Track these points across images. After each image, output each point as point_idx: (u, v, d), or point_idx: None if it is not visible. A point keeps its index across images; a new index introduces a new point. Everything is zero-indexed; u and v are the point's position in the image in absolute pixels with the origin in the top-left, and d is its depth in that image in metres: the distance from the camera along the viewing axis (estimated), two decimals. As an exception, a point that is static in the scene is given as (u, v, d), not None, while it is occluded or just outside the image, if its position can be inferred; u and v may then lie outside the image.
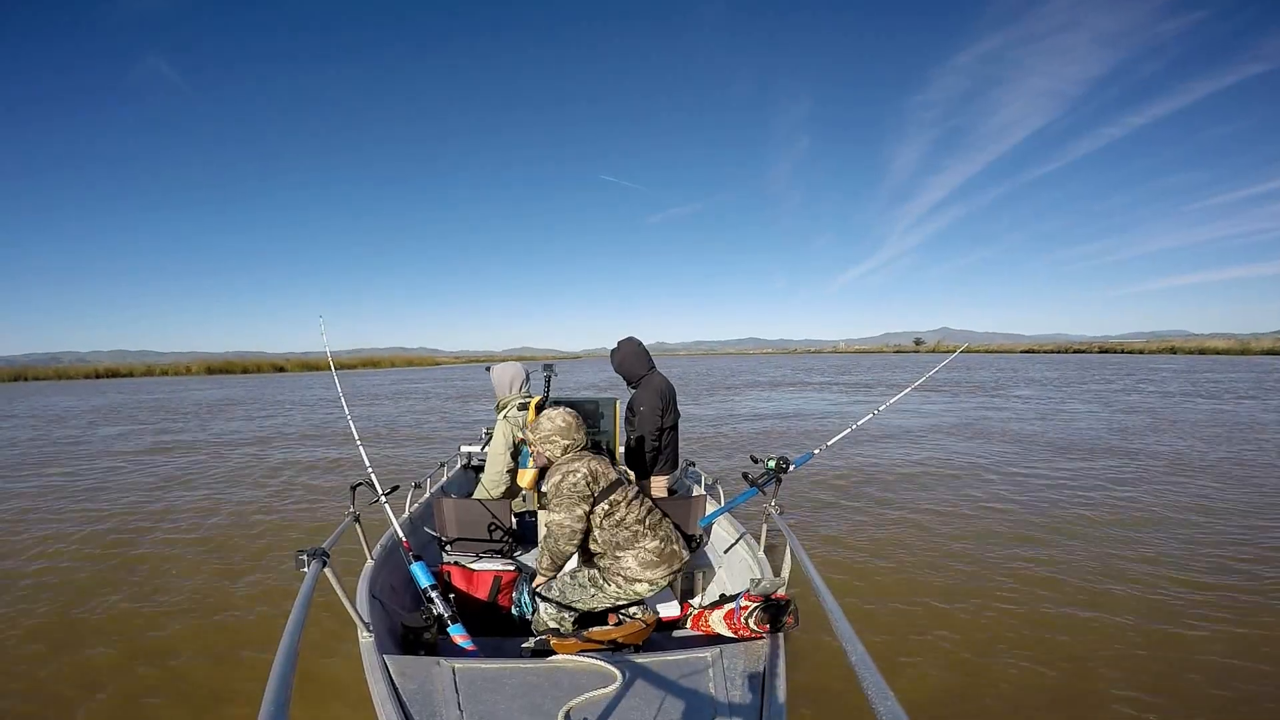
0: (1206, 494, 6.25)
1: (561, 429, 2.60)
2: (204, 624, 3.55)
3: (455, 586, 2.76)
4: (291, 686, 1.18)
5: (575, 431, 2.62)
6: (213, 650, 3.26)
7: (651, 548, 2.44)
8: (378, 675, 1.82)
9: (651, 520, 2.51)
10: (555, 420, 2.62)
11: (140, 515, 5.98)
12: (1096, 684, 2.86)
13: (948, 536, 5.01)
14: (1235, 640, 3.25)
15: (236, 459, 9.21)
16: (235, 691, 2.87)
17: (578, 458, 2.54)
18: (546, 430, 2.61)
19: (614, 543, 2.45)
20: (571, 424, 2.62)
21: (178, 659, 3.17)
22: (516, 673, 1.87)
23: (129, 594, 3.99)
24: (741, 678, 1.89)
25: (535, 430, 2.64)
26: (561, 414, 2.64)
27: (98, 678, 3.01)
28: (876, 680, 1.16)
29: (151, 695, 2.84)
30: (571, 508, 2.42)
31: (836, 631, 1.42)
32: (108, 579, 4.27)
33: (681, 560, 2.52)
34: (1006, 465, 7.86)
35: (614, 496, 2.48)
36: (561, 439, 2.59)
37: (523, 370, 3.63)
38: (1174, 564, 4.26)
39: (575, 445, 2.61)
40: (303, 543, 4.55)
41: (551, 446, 2.59)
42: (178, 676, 3.01)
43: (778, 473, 2.99)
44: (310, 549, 1.88)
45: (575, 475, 2.45)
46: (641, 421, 3.62)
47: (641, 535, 2.45)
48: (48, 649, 3.28)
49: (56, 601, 3.89)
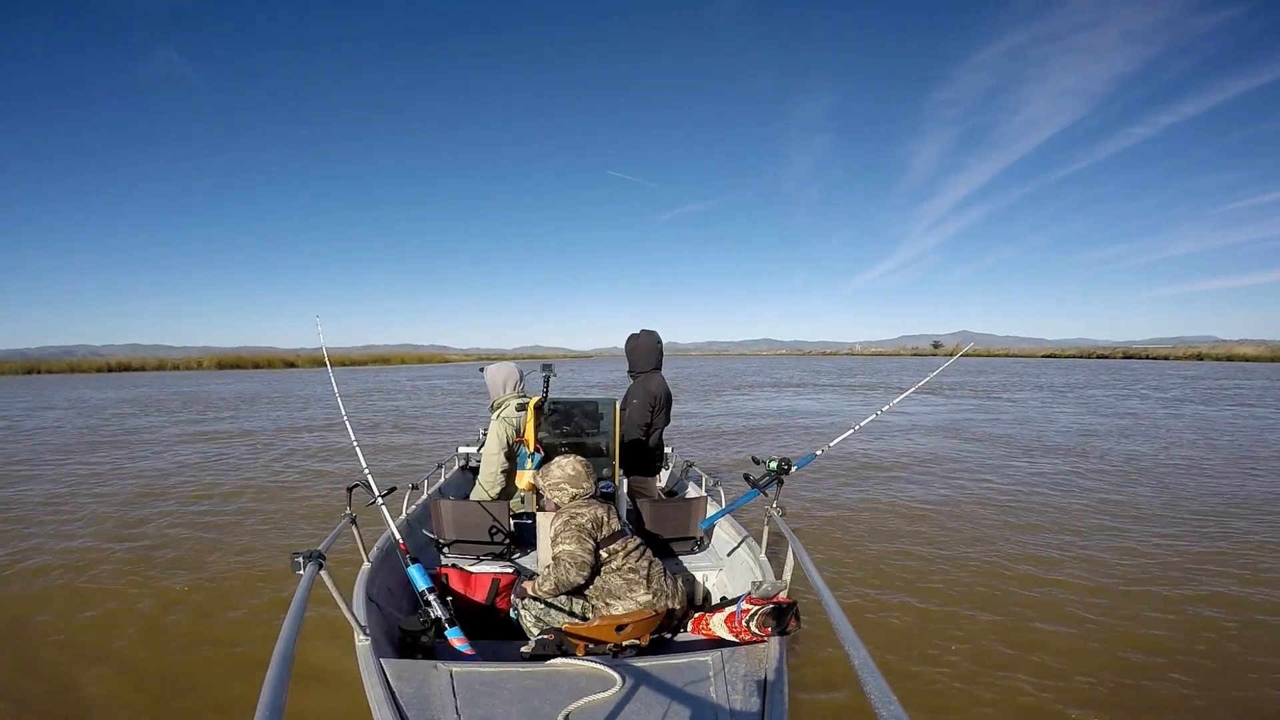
0: (1121, 495, 6.60)
1: (571, 477, 2.71)
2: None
3: (453, 589, 2.75)
4: (287, 690, 1.19)
5: (584, 480, 2.72)
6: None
7: (644, 600, 2.46)
8: (374, 679, 1.82)
9: (653, 572, 2.55)
10: (565, 469, 2.73)
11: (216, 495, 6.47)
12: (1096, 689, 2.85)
13: (952, 539, 5.02)
14: (1073, 635, 3.42)
15: (293, 443, 10.40)
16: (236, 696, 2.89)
17: (585, 504, 2.63)
18: (556, 478, 2.72)
19: (607, 589, 2.50)
20: (580, 472, 2.72)
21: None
22: (515, 676, 1.87)
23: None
24: (743, 682, 1.89)
25: (545, 477, 2.76)
26: (571, 462, 2.75)
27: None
28: (880, 684, 1.16)
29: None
30: (581, 540, 2.50)
31: (839, 635, 1.42)
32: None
33: (668, 610, 2.53)
34: (1006, 466, 8.02)
35: (614, 546, 2.55)
36: (570, 487, 2.70)
37: (517, 370, 3.64)
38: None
39: (583, 494, 2.70)
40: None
41: (560, 494, 2.70)
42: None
43: (779, 474, 2.98)
44: (306, 551, 1.86)
45: (582, 517, 2.56)
46: (631, 414, 3.66)
47: (635, 585, 2.49)
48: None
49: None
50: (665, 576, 2.58)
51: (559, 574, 2.49)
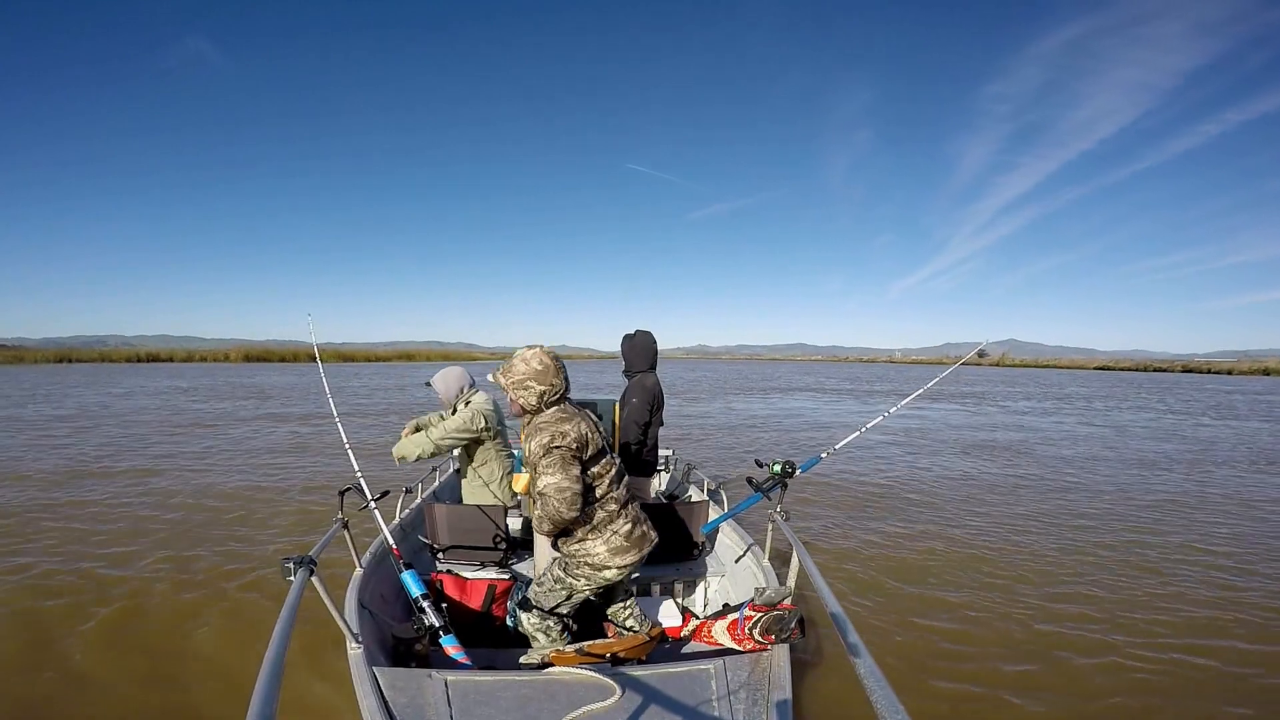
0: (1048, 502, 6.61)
1: (538, 372, 2.28)
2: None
3: (448, 596, 2.77)
4: (277, 700, 1.19)
5: (554, 375, 2.30)
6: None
7: (624, 531, 2.31)
8: (367, 688, 1.81)
9: (631, 509, 2.39)
10: (530, 362, 2.30)
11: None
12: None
13: (964, 546, 4.98)
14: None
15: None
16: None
17: (566, 417, 2.27)
18: (521, 374, 2.29)
19: (590, 524, 2.30)
20: (550, 366, 2.30)
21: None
22: (511, 685, 1.87)
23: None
24: (745, 690, 1.88)
25: (508, 374, 2.31)
26: (538, 354, 2.32)
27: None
28: (887, 694, 1.15)
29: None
30: (566, 468, 2.18)
31: (845, 643, 1.42)
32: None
33: (651, 542, 2.40)
34: (1008, 474, 7.90)
35: (598, 469, 2.30)
36: (537, 384, 2.28)
37: (467, 374, 3.55)
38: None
39: (554, 391, 2.31)
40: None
41: (526, 393, 2.29)
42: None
43: (784, 477, 2.97)
44: (297, 557, 1.83)
45: (567, 438, 2.21)
46: (630, 413, 3.67)
47: (616, 516, 2.32)
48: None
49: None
50: (643, 518, 2.44)
51: (549, 512, 2.18)
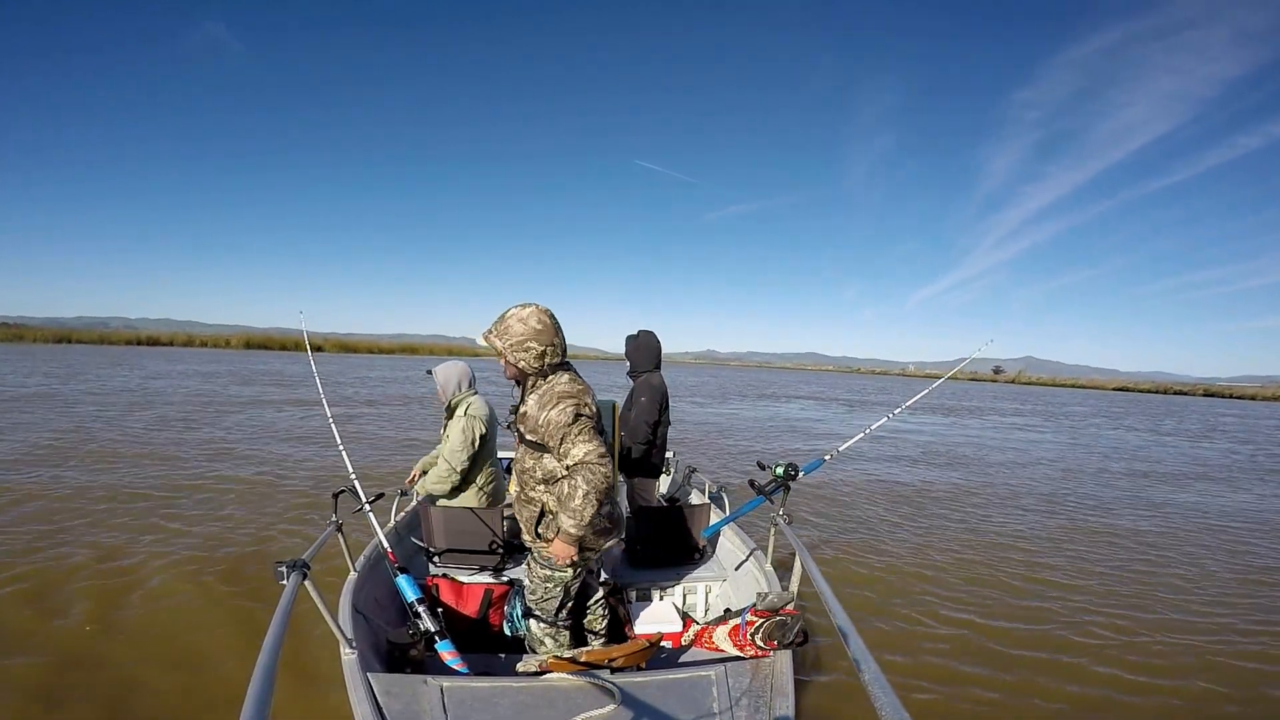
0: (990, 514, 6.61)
1: (537, 331, 2.17)
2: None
3: (443, 600, 2.76)
4: (269, 707, 1.17)
5: (554, 335, 2.21)
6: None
7: (605, 512, 2.28)
8: (361, 694, 1.81)
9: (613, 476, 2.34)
10: (528, 321, 2.18)
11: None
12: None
13: (967, 550, 5.01)
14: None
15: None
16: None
17: (585, 388, 2.22)
18: (519, 334, 2.17)
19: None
20: (548, 325, 2.20)
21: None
22: (509, 692, 1.86)
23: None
24: (746, 697, 1.88)
25: (503, 336, 2.19)
26: (534, 312, 2.20)
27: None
28: (891, 701, 1.14)
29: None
30: (595, 435, 2.13)
31: (848, 649, 1.41)
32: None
33: (623, 524, 2.41)
34: (1001, 484, 7.97)
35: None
36: (537, 344, 2.17)
37: (469, 372, 3.55)
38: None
39: (555, 351, 2.21)
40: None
41: (526, 354, 2.18)
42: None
43: (786, 480, 2.98)
44: (290, 560, 1.81)
45: (589, 407, 2.16)
46: (639, 412, 3.64)
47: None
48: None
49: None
50: (617, 499, 2.41)
51: (596, 481, 2.04)
